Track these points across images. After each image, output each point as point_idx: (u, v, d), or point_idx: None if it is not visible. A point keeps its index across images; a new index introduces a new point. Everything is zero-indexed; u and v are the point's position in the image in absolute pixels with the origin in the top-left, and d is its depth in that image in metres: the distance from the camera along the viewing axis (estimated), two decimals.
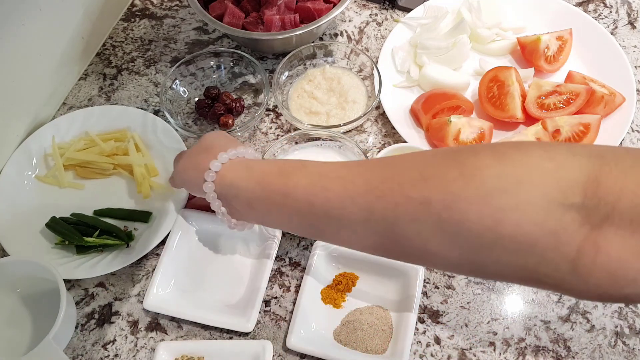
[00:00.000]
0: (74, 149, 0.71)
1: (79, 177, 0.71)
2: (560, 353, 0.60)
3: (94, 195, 0.70)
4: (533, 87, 0.74)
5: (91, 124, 0.74)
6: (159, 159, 0.71)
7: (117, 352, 0.61)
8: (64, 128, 0.73)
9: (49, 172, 0.71)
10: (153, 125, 0.73)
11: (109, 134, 0.73)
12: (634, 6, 0.89)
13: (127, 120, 0.74)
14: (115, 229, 0.65)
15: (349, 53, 0.80)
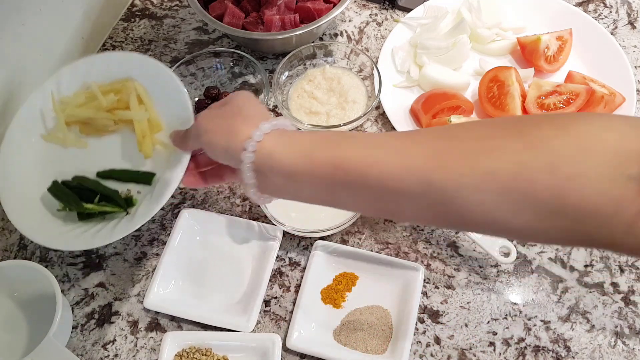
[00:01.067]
0: (74, 104, 0.64)
1: (83, 134, 0.64)
2: (560, 353, 0.60)
3: (97, 155, 0.63)
4: (533, 87, 0.74)
5: (93, 75, 0.65)
6: (164, 112, 0.62)
7: (117, 352, 0.61)
8: (66, 81, 0.66)
9: (52, 130, 0.65)
10: (157, 73, 0.64)
11: (109, 85, 0.65)
12: (634, 6, 0.89)
13: (129, 68, 0.65)
14: (113, 193, 0.59)
15: (349, 53, 0.80)
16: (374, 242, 0.67)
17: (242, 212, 0.69)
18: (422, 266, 0.62)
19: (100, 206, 0.58)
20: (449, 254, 0.66)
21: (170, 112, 0.61)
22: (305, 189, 0.46)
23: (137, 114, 0.62)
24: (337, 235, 0.67)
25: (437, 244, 0.66)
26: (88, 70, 0.66)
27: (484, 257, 0.66)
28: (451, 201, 0.40)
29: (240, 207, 0.70)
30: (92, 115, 0.63)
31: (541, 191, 0.37)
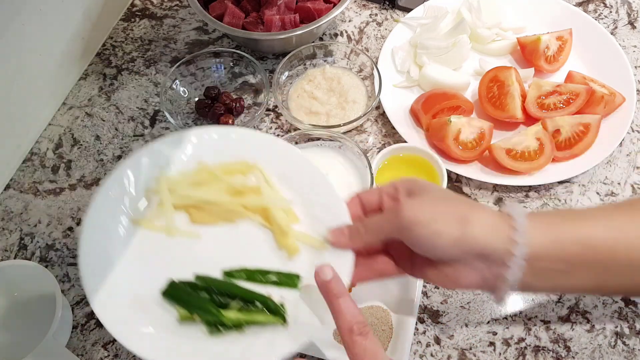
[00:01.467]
0: (187, 183, 0.51)
1: (193, 222, 0.51)
2: (560, 353, 0.60)
3: (216, 249, 0.49)
4: (533, 87, 0.74)
5: (204, 151, 0.53)
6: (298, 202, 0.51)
7: (117, 352, 0.61)
8: (166, 155, 0.52)
9: (151, 214, 0.50)
10: (286, 156, 0.53)
11: (230, 165, 0.53)
12: (634, 6, 0.89)
13: (249, 148, 0.54)
14: (262, 297, 0.45)
15: (349, 53, 0.80)
16: None
17: None
18: None
19: (248, 314, 0.44)
20: None
21: (306, 200, 0.51)
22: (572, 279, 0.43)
23: (274, 200, 0.50)
24: None
25: None
26: (194, 146, 0.53)
27: None
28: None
29: None
30: (218, 199, 0.50)
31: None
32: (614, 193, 0.71)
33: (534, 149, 0.69)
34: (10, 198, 0.73)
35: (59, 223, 0.70)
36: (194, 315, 0.44)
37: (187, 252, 0.48)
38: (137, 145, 0.76)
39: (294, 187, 0.52)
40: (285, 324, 0.44)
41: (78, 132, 0.78)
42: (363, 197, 0.50)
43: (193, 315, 0.44)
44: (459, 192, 0.71)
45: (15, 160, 0.75)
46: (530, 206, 0.70)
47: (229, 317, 0.44)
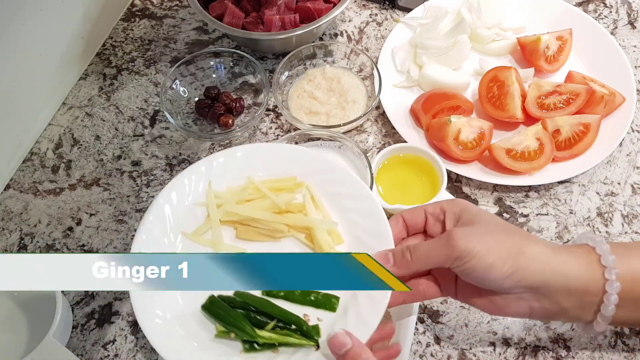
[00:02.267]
0: (236, 200, 0.53)
1: (239, 238, 0.52)
2: (560, 353, 0.60)
3: None
4: (533, 87, 0.74)
5: (253, 166, 0.55)
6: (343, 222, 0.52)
7: (117, 352, 0.61)
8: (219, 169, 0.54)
9: (199, 228, 0.52)
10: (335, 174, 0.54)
11: (278, 182, 0.55)
12: (634, 6, 0.89)
13: (297, 164, 0.55)
14: (296, 319, 0.46)
15: (349, 53, 0.80)
16: None
17: None
18: None
19: (281, 336, 0.45)
20: None
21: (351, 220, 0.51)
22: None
23: (318, 221, 0.51)
24: None
25: None
26: (246, 161, 0.55)
27: None
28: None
29: None
30: (264, 217, 0.51)
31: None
32: (614, 193, 0.71)
33: (534, 149, 0.69)
34: (10, 198, 0.73)
35: (59, 223, 0.70)
36: (231, 333, 0.46)
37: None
38: (137, 145, 0.76)
39: (339, 206, 0.52)
40: (318, 347, 0.45)
41: (78, 132, 0.78)
42: (407, 217, 0.49)
43: (229, 332, 0.46)
44: (459, 192, 0.71)
45: (15, 160, 0.75)
46: (530, 206, 0.70)
47: (263, 337, 0.45)
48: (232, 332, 0.46)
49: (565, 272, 0.42)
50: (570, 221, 0.68)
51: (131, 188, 0.73)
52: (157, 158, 0.75)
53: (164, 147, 0.76)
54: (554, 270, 0.42)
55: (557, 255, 0.43)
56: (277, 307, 0.47)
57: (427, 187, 0.67)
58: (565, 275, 0.42)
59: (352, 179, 0.53)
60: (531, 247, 0.42)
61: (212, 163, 0.54)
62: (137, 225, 0.69)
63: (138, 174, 0.74)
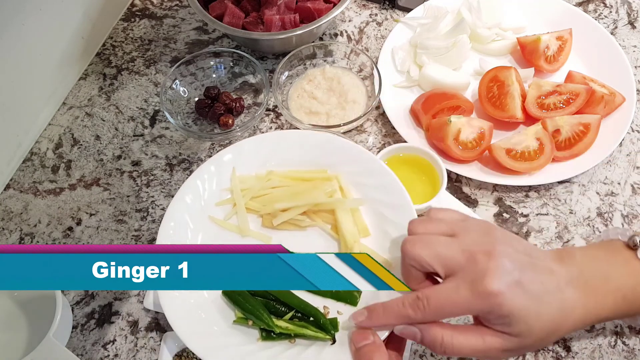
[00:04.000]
0: (262, 187, 0.53)
1: (265, 226, 0.53)
2: (560, 353, 0.60)
3: None
4: (533, 87, 0.74)
5: (282, 155, 0.55)
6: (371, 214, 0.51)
7: (117, 352, 0.61)
8: (248, 155, 0.54)
9: (227, 214, 0.53)
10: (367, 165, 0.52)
11: (308, 172, 0.54)
12: (634, 6, 0.89)
13: (329, 153, 0.54)
14: (314, 311, 0.46)
15: (349, 53, 0.80)
16: None
17: None
18: None
19: (298, 327, 0.45)
20: None
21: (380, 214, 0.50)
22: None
23: (340, 201, 0.51)
24: None
25: None
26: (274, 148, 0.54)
27: None
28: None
29: None
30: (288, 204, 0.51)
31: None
32: (613, 193, 0.71)
33: (534, 149, 0.69)
34: (10, 198, 0.73)
35: (58, 223, 0.70)
36: (249, 320, 0.46)
37: None
38: (137, 145, 0.76)
39: (368, 198, 0.51)
40: (335, 341, 0.45)
41: (78, 132, 0.78)
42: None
43: (247, 319, 0.46)
44: (458, 192, 0.71)
45: (15, 160, 0.75)
46: (530, 206, 0.70)
47: (280, 326, 0.45)
48: (250, 319, 0.46)
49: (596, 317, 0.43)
50: (570, 221, 0.68)
51: (131, 188, 0.73)
52: (157, 158, 0.75)
53: (164, 147, 0.76)
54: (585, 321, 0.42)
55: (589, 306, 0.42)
56: (297, 298, 0.47)
57: (427, 187, 0.67)
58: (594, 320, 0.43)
59: (382, 169, 0.51)
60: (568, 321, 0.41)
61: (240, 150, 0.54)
62: (137, 225, 0.69)
63: (138, 174, 0.74)
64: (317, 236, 0.52)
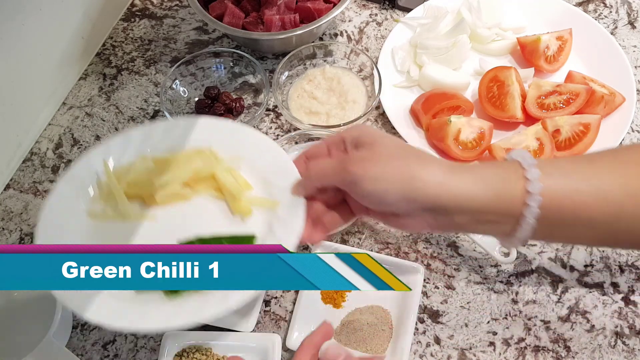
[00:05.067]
0: (136, 171, 0.54)
1: (149, 205, 0.53)
2: (560, 353, 0.60)
3: (172, 225, 0.51)
4: (533, 87, 0.74)
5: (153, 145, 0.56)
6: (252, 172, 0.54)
7: (117, 352, 0.61)
8: (118, 151, 0.55)
9: (104, 206, 0.53)
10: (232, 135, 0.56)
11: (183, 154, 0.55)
12: (634, 6, 0.89)
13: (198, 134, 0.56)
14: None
15: (349, 53, 0.80)
16: (374, 242, 0.67)
17: None
18: (422, 266, 0.62)
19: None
20: (449, 254, 0.66)
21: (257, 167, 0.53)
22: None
23: (216, 163, 0.53)
24: (337, 235, 0.67)
25: (437, 244, 0.66)
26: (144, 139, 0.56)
27: (484, 257, 0.66)
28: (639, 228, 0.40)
29: None
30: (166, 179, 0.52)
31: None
32: None
33: (534, 148, 0.69)
34: (10, 198, 0.73)
35: None
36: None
37: (143, 232, 0.50)
38: None
39: (243, 155, 0.54)
40: None
41: (78, 132, 0.78)
42: (310, 153, 0.51)
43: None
44: None
45: (15, 160, 0.75)
46: None
47: None
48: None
49: (459, 192, 0.42)
50: None
51: None
52: None
53: None
54: (447, 191, 0.42)
55: (452, 176, 0.43)
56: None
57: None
58: (458, 195, 0.42)
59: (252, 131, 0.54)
60: (426, 169, 0.43)
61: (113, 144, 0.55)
62: None
63: None
64: (204, 203, 0.52)
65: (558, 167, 0.42)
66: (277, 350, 0.58)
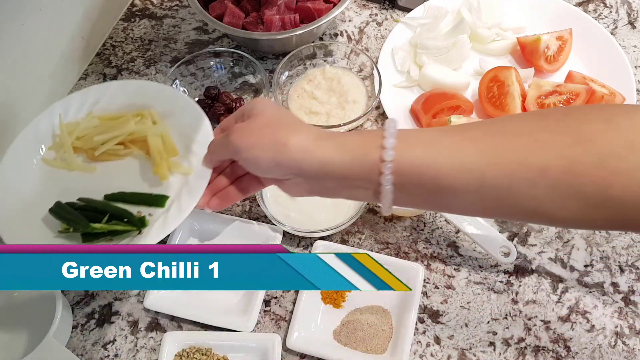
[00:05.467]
0: (82, 127, 0.62)
1: (90, 160, 0.62)
2: (560, 353, 0.60)
3: (106, 179, 0.60)
4: (533, 87, 0.74)
5: (105, 101, 0.64)
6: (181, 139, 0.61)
7: (117, 352, 0.61)
8: (76, 106, 0.64)
9: (57, 154, 0.62)
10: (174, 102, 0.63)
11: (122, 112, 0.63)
12: (634, 6, 0.89)
13: (145, 97, 0.63)
14: (126, 213, 0.56)
15: (349, 53, 0.80)
16: (374, 242, 0.67)
17: (242, 212, 0.69)
18: (422, 266, 0.62)
19: (109, 225, 0.55)
20: (449, 254, 0.66)
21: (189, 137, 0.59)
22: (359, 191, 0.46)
23: (151, 128, 0.60)
24: (337, 235, 0.67)
25: (437, 244, 0.66)
26: (100, 97, 0.64)
27: (484, 257, 0.66)
28: (504, 196, 0.41)
29: (240, 207, 0.70)
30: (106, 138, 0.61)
31: (588, 184, 0.39)
32: None
33: None
34: None
35: None
36: (70, 228, 0.55)
37: (81, 182, 0.60)
38: None
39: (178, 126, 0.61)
40: (141, 232, 0.55)
41: None
42: (223, 126, 0.56)
43: (70, 228, 0.55)
44: None
45: None
46: None
47: (95, 227, 0.54)
48: (71, 227, 0.55)
49: (323, 158, 0.45)
50: None
51: None
52: None
53: None
54: (311, 157, 0.45)
55: (317, 143, 0.45)
56: (112, 206, 0.56)
57: None
58: (321, 161, 0.45)
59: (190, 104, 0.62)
60: (294, 137, 0.45)
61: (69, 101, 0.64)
62: None
63: None
64: (135, 162, 0.61)
65: (421, 137, 0.44)
66: (277, 350, 0.57)
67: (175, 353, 0.59)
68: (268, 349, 0.58)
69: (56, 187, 0.60)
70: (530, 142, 0.40)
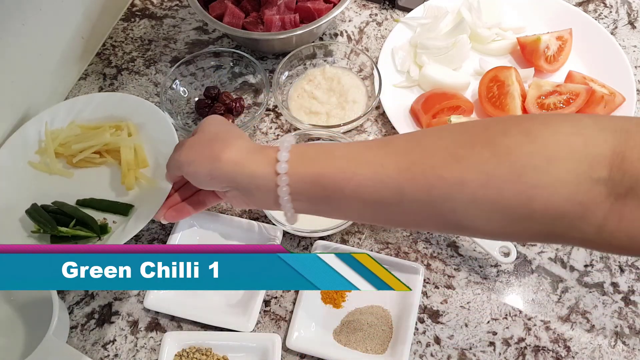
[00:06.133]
0: (65, 135, 0.69)
1: (70, 165, 0.68)
2: (560, 353, 0.60)
3: (80, 185, 0.67)
4: (533, 87, 0.74)
5: (89, 111, 0.71)
6: (152, 153, 0.67)
7: (117, 352, 0.61)
8: (63, 114, 0.71)
9: (41, 158, 0.69)
10: (151, 116, 0.69)
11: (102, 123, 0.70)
12: (634, 6, 0.89)
13: (125, 109, 0.70)
14: (90, 220, 0.62)
15: (349, 53, 0.80)
16: (374, 242, 0.67)
17: (242, 212, 0.69)
18: (422, 266, 0.62)
19: (74, 230, 0.61)
20: (449, 254, 0.66)
21: (159, 151, 0.65)
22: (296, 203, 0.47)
23: (124, 140, 0.66)
24: (337, 235, 0.67)
25: (437, 244, 0.67)
26: (85, 107, 0.71)
27: (484, 257, 0.66)
28: (426, 210, 0.41)
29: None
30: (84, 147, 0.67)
31: (508, 198, 0.38)
32: None
33: None
34: None
35: None
36: (41, 229, 0.61)
37: (59, 186, 0.66)
38: None
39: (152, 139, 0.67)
40: (100, 239, 0.61)
41: None
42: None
43: (41, 229, 0.61)
44: None
45: None
46: None
47: (62, 231, 0.60)
48: (42, 228, 0.61)
49: (252, 171, 0.46)
50: None
51: None
52: None
53: None
54: (242, 171, 0.47)
55: (248, 156, 0.47)
56: (80, 212, 0.62)
57: None
58: (250, 174, 0.46)
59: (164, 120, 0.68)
60: (227, 152, 0.47)
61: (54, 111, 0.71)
62: None
63: None
64: (107, 170, 0.68)
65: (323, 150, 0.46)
66: (277, 350, 0.57)
67: (175, 353, 0.59)
68: (268, 349, 0.58)
69: (37, 189, 0.66)
70: (447, 156, 0.40)
